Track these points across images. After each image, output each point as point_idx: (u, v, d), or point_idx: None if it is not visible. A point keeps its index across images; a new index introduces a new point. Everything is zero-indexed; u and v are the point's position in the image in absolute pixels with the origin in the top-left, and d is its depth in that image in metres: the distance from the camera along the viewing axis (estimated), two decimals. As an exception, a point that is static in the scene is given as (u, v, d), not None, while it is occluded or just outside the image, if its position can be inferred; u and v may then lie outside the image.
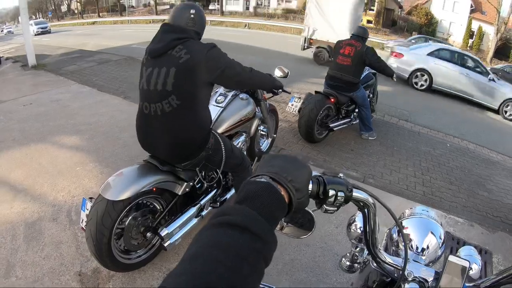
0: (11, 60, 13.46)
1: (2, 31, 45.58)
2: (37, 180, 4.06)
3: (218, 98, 3.48)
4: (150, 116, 2.42)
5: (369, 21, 44.03)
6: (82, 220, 2.43)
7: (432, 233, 1.13)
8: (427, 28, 39.78)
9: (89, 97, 7.48)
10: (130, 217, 2.51)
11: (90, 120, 5.93)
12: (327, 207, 0.94)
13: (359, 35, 5.46)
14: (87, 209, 2.40)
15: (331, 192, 0.92)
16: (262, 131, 4.29)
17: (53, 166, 4.37)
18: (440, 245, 1.13)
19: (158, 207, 2.68)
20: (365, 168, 4.85)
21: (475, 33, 40.43)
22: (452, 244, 3.53)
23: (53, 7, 71.18)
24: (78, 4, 66.43)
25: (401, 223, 1.17)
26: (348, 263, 1.30)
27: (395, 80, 5.87)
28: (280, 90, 3.24)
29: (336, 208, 0.95)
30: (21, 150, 4.87)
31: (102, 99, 7.31)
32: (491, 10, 36.64)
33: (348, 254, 1.30)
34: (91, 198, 2.46)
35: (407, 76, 11.75)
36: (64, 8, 73.14)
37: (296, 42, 21.87)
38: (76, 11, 67.81)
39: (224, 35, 20.98)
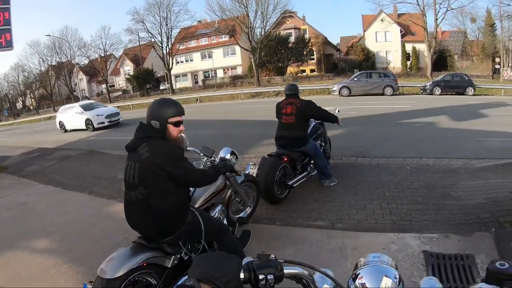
0: (-30, 164, 13.21)
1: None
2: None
3: None
4: (130, 201, 2.74)
5: (312, 70, 45.79)
6: None
7: (386, 276, 1.14)
8: (367, 63, 41.63)
9: (54, 196, 7.42)
10: None
11: (58, 220, 5.87)
12: None
13: (294, 92, 5.75)
14: None
15: (261, 277, 1.03)
16: (239, 200, 4.43)
17: (27, 272, 4.30)
18: (398, 284, 1.13)
19: (153, 282, 2.80)
20: (332, 215, 4.88)
21: (410, 55, 42.65)
22: (432, 261, 3.57)
23: (8, 105, 70.88)
24: (33, 100, 66.98)
25: (356, 273, 1.19)
26: None
27: (340, 124, 6.09)
28: (229, 173, 3.63)
29: None
30: (-7, 258, 4.78)
31: (67, 197, 7.26)
32: (420, 29, 39.16)
33: None
34: (91, 281, 2.59)
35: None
36: (19, 105, 73.23)
37: (245, 107, 22.47)
38: (31, 107, 68.05)
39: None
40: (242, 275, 1.02)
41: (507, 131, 10.22)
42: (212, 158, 3.94)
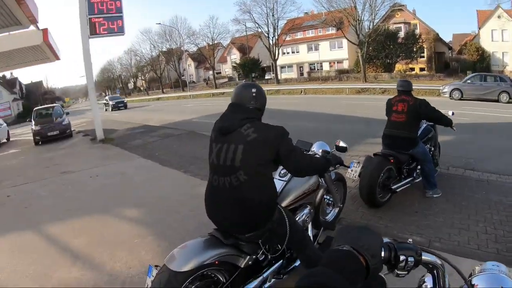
0: (82, 134, 14.66)
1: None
2: (97, 249, 4.34)
3: (282, 172, 3.57)
4: (219, 188, 2.61)
5: (421, 69, 43.47)
6: (147, 285, 2.51)
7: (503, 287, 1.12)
8: (481, 64, 38.20)
9: (151, 171, 7.96)
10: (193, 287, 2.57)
11: (151, 193, 6.25)
12: (398, 272, 1.05)
13: (407, 89, 5.43)
14: (153, 276, 2.50)
15: (402, 257, 1.03)
16: (329, 200, 4.31)
17: (113, 237, 4.67)
18: None
19: (221, 279, 2.70)
20: (431, 231, 4.59)
21: (530, 58, 38.29)
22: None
23: (121, 85, 77.94)
24: (144, 81, 72.63)
25: (471, 281, 1.18)
26: None
27: (454, 129, 5.75)
28: (338, 165, 3.47)
29: (406, 272, 1.06)
30: (85, 219, 5.32)
31: (163, 173, 7.73)
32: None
33: None
34: (156, 266, 2.56)
35: None
36: (131, 85, 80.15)
37: (349, 102, 21.96)
38: (141, 88, 73.86)
39: (281, 104, 21.57)
40: (383, 254, 1.02)
41: None
42: (310, 153, 3.72)
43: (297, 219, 3.32)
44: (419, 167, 5.64)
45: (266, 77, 54.83)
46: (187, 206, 5.56)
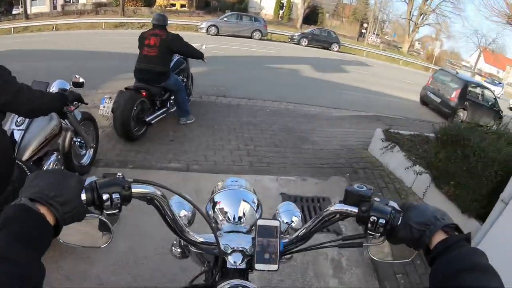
0: None
1: None
2: None
3: (18, 119, 3.06)
4: None
5: (182, 5, 44.19)
6: None
7: (244, 200, 1.17)
8: (240, 5, 41.49)
9: None
10: None
11: None
12: (107, 212, 0.92)
13: (162, 24, 5.34)
14: None
15: (105, 196, 0.90)
16: (80, 142, 3.97)
17: None
18: (256, 209, 1.17)
19: None
20: (188, 156, 4.69)
21: (284, 5, 44.19)
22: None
23: None
24: None
25: (213, 198, 1.20)
26: (179, 250, 1.30)
27: (205, 61, 5.90)
28: (77, 102, 3.05)
29: (117, 210, 0.93)
30: None
31: None
32: (298, -18, 40.25)
33: (175, 242, 1.29)
34: None
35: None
36: None
37: (106, 37, 20.85)
38: None
39: (29, 43, 18.66)
40: (84, 196, 0.88)
41: (363, 87, 11.36)
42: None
43: (44, 169, 3.00)
44: (172, 97, 5.72)
45: (14, 12, 47.27)
46: None
